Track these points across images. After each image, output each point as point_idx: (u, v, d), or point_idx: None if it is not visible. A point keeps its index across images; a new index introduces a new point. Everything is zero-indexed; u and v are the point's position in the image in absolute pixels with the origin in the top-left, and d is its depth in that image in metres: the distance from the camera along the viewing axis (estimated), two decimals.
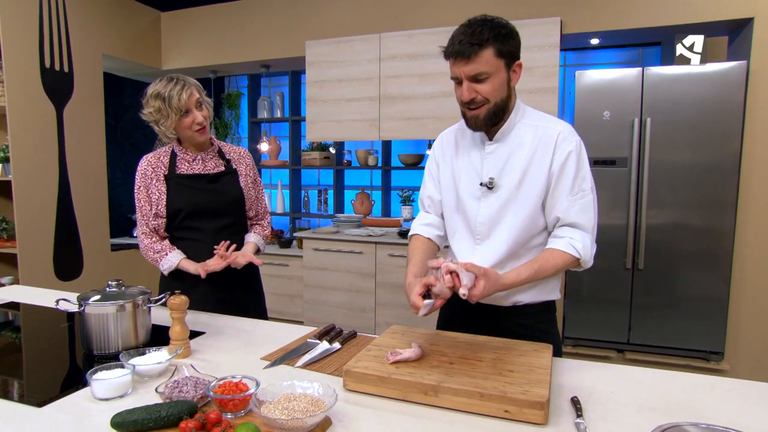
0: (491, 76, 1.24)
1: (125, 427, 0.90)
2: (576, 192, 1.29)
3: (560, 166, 1.29)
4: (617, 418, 0.98)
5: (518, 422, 0.96)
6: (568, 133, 1.31)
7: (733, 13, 2.96)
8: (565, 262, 1.29)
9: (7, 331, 1.62)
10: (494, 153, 1.35)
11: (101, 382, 1.06)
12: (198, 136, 1.69)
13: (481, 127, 1.32)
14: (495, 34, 1.22)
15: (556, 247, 1.29)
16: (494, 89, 1.25)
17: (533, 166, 1.31)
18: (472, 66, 1.22)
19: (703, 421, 0.95)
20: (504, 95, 1.28)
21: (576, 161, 1.29)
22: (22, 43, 3.20)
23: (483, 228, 1.37)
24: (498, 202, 1.34)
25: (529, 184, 1.31)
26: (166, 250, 1.71)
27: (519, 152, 1.32)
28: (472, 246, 1.39)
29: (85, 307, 1.32)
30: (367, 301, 3.59)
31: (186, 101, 1.62)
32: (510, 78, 1.28)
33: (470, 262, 1.16)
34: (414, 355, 1.14)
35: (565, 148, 1.28)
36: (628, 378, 1.19)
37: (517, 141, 1.33)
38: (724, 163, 2.94)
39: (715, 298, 3.02)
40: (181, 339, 1.31)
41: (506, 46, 1.24)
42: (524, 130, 1.33)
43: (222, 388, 0.98)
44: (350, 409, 1.02)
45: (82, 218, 3.66)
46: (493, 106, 1.27)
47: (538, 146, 1.31)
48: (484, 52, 1.21)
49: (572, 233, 1.29)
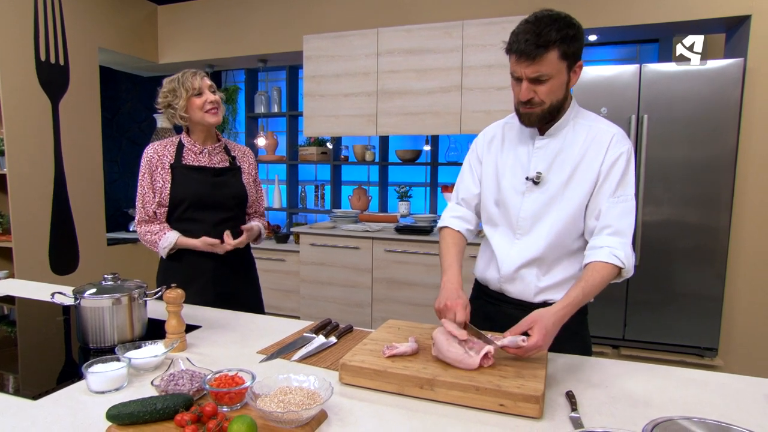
0: (552, 78, 1.22)
1: (121, 420, 0.90)
2: (619, 195, 1.27)
3: (609, 167, 1.27)
4: (612, 412, 0.99)
5: (513, 416, 0.97)
6: (621, 137, 1.30)
7: (731, 10, 2.96)
8: (610, 274, 1.22)
9: (2, 324, 1.61)
10: (544, 148, 1.33)
11: (97, 375, 1.05)
12: (209, 117, 1.70)
13: (534, 124, 1.31)
14: (563, 35, 1.18)
15: (597, 260, 1.23)
16: (553, 91, 1.24)
17: (583, 164, 1.29)
18: (535, 67, 1.20)
19: (696, 415, 0.96)
20: (561, 97, 1.27)
21: (625, 164, 1.27)
22: (17, 36, 3.18)
23: (525, 223, 1.35)
24: (543, 197, 1.32)
25: (577, 182, 1.29)
26: (164, 230, 1.72)
27: (570, 149, 1.30)
28: (512, 240, 1.38)
29: (81, 301, 1.32)
30: (363, 297, 3.60)
31: (199, 83, 1.69)
32: (570, 79, 1.26)
33: (511, 338, 1.10)
34: (410, 350, 1.14)
35: (618, 150, 1.27)
36: (623, 373, 1.19)
37: (570, 139, 1.31)
38: (720, 161, 2.95)
39: (709, 294, 3.04)
40: (177, 332, 1.31)
41: (571, 48, 1.21)
42: (578, 129, 1.31)
43: (218, 381, 0.98)
44: (346, 402, 1.02)
45: (78, 212, 3.65)
46: (549, 107, 1.26)
47: (590, 145, 1.29)
48: (549, 54, 1.18)
49: (611, 241, 1.24)
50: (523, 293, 1.37)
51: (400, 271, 3.47)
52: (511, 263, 1.37)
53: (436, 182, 4.23)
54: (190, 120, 1.73)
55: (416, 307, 3.42)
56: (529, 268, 1.35)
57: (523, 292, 1.37)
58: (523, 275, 1.36)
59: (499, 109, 3.31)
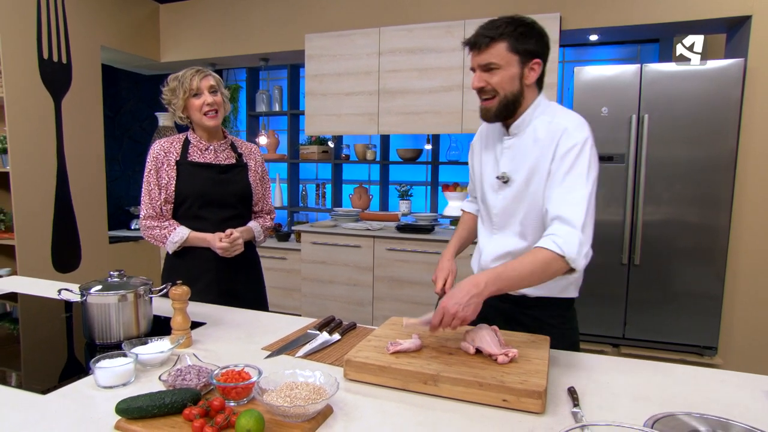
0: (501, 68, 1.27)
1: (130, 414, 0.91)
2: (567, 185, 1.24)
3: (560, 160, 1.26)
4: (613, 408, 1.00)
5: (516, 411, 0.98)
6: (574, 128, 1.27)
7: (732, 10, 2.97)
8: (546, 259, 1.18)
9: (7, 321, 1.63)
10: (511, 148, 1.38)
11: (104, 370, 1.07)
12: (206, 120, 1.70)
13: (491, 118, 1.35)
14: (511, 30, 1.26)
15: (537, 245, 1.22)
16: (504, 81, 1.28)
17: (541, 161, 1.30)
18: (484, 56, 1.28)
19: (697, 410, 0.97)
20: (515, 89, 1.30)
21: (576, 156, 1.25)
22: (19, 34, 3.19)
23: (498, 219, 1.43)
24: (510, 195, 1.38)
25: (537, 179, 1.31)
26: (174, 225, 1.74)
27: (533, 148, 1.33)
28: (490, 234, 1.47)
29: (88, 297, 1.33)
30: (364, 295, 3.61)
31: (198, 84, 1.68)
32: (524, 74, 1.30)
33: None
34: (414, 346, 1.15)
35: (568, 142, 1.26)
36: (624, 369, 1.21)
37: (533, 137, 1.33)
38: (720, 160, 2.96)
39: (709, 294, 3.05)
40: (183, 329, 1.32)
41: (522, 44, 1.27)
42: (540, 126, 1.33)
43: (225, 376, 1.00)
44: (351, 397, 1.04)
45: (80, 210, 3.66)
46: (503, 98, 1.30)
47: (546, 139, 1.30)
48: (496, 44, 1.27)
49: (556, 229, 1.21)
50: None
51: (402, 270, 3.48)
52: (488, 256, 1.46)
53: (437, 181, 4.24)
54: (190, 119, 1.74)
55: (417, 306, 3.43)
56: (504, 261, 1.39)
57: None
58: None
59: None
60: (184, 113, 1.72)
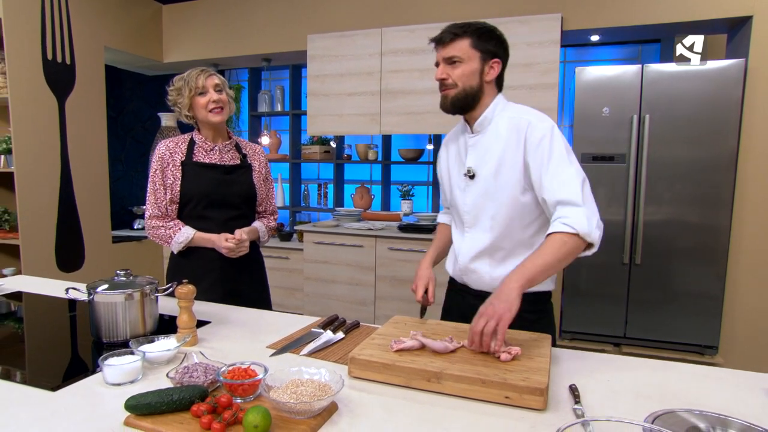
0: (463, 62, 1.37)
1: (139, 410, 0.93)
2: (552, 170, 1.31)
3: (533, 151, 1.33)
4: (614, 405, 1.02)
5: (518, 408, 0.99)
6: (537, 121, 1.35)
7: (732, 11, 2.99)
8: (565, 242, 1.23)
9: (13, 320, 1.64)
10: (475, 145, 1.45)
11: (113, 367, 1.08)
12: (212, 116, 1.73)
13: (448, 107, 1.42)
14: (474, 29, 1.37)
15: (549, 232, 1.28)
16: (464, 75, 1.37)
17: (507, 155, 1.37)
18: (447, 50, 1.38)
19: (696, 407, 0.98)
20: (474, 84, 1.38)
21: (549, 144, 1.32)
22: (24, 35, 3.21)
23: (468, 217, 1.48)
24: (478, 191, 1.44)
25: (505, 173, 1.38)
26: (179, 225, 1.75)
27: (496, 143, 1.40)
28: (462, 234, 1.52)
29: (95, 296, 1.35)
30: (367, 294, 3.63)
31: (203, 82, 1.71)
32: (484, 70, 1.38)
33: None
34: (417, 344, 1.17)
35: (536, 134, 1.33)
36: (625, 367, 1.22)
37: (495, 133, 1.41)
38: (721, 160, 2.97)
39: (710, 293, 3.07)
40: (189, 327, 1.34)
41: (483, 43, 1.37)
42: (501, 123, 1.40)
43: (231, 373, 1.01)
44: (355, 395, 1.05)
45: (84, 210, 3.68)
46: (461, 91, 1.39)
47: (510, 136, 1.37)
48: (460, 41, 1.37)
49: (562, 212, 1.27)
50: (480, 284, 1.48)
51: (404, 269, 3.50)
52: (465, 256, 1.49)
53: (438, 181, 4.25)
54: (196, 118, 1.76)
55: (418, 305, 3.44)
56: (480, 259, 1.46)
57: (479, 283, 1.48)
58: (475, 267, 1.48)
59: None
60: (190, 112, 1.74)
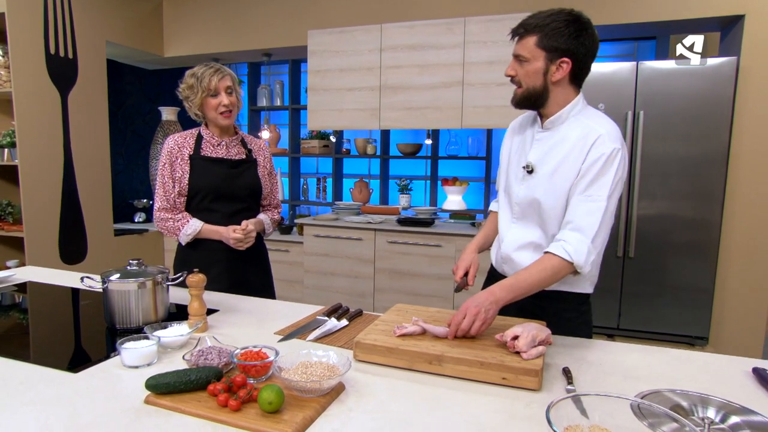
0: (528, 61, 1.33)
1: (159, 389, 0.99)
2: (590, 194, 1.29)
3: (589, 166, 1.30)
4: (604, 386, 1.08)
5: (515, 388, 1.06)
6: (609, 138, 1.30)
7: (725, 9, 3.05)
8: (555, 266, 1.27)
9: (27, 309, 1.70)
10: (542, 141, 1.42)
11: (130, 350, 1.14)
12: (221, 119, 1.77)
13: (515, 104, 1.41)
14: (541, 25, 1.30)
15: (547, 251, 1.30)
16: (526, 74, 1.34)
17: (569, 159, 1.34)
18: (517, 47, 1.36)
19: (681, 388, 1.05)
20: (537, 84, 1.34)
21: (602, 165, 1.28)
22: (27, 30, 3.24)
23: (518, 208, 1.47)
24: (533, 186, 1.41)
25: (561, 175, 1.35)
26: (187, 217, 1.81)
27: (563, 144, 1.36)
28: (510, 223, 1.51)
29: (109, 284, 1.40)
30: (366, 287, 3.69)
31: (216, 84, 1.74)
32: (549, 70, 1.32)
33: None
34: (419, 330, 1.23)
35: (601, 150, 1.29)
36: (615, 352, 1.29)
37: (565, 133, 1.37)
38: (713, 156, 3.04)
39: (701, 286, 3.14)
40: (199, 314, 1.39)
41: (550, 40, 1.29)
42: (575, 126, 1.36)
43: (244, 356, 1.07)
44: (361, 376, 1.11)
45: (86, 203, 3.72)
46: (525, 90, 1.36)
47: (577, 143, 1.33)
48: (528, 38, 1.32)
49: (569, 236, 1.28)
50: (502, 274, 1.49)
51: (402, 262, 3.56)
52: (509, 244, 1.49)
53: (436, 175, 4.32)
54: (205, 116, 1.81)
55: (418, 297, 3.52)
56: (523, 250, 1.45)
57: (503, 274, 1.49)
58: (516, 257, 1.47)
59: (499, 104, 3.39)
60: (200, 110, 1.78)
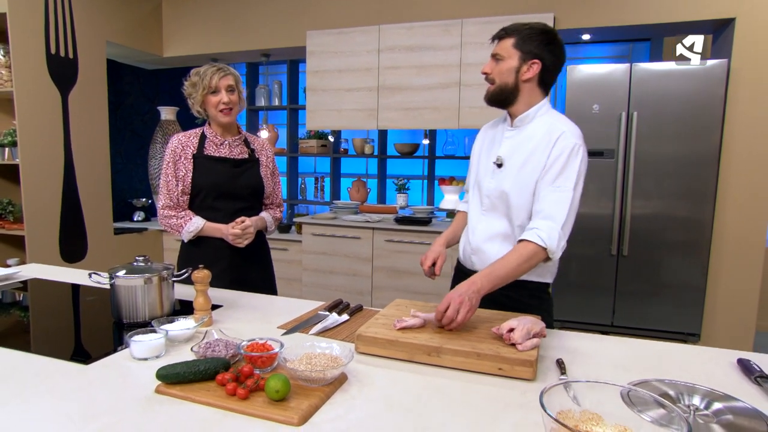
0: (503, 60, 1.49)
1: (169, 379, 1.03)
2: (558, 185, 1.42)
3: (554, 159, 1.43)
4: (596, 376, 1.13)
5: (510, 378, 1.10)
6: (570, 134, 1.44)
7: (717, 13, 3.11)
8: (530, 252, 1.37)
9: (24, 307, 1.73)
10: (511, 138, 1.56)
11: (139, 343, 1.18)
12: (221, 116, 1.82)
13: (486, 99, 1.56)
14: (520, 30, 1.48)
15: (522, 238, 1.41)
16: (500, 71, 1.49)
17: (536, 154, 1.47)
18: (495, 48, 1.53)
19: (669, 378, 1.10)
20: (510, 81, 1.49)
21: (566, 158, 1.42)
22: (28, 30, 3.26)
23: (488, 201, 1.59)
24: (502, 180, 1.54)
25: (529, 169, 1.47)
26: (190, 215, 1.85)
27: (530, 141, 1.50)
28: (480, 215, 1.62)
29: (116, 280, 1.44)
30: (364, 285, 3.74)
31: (217, 82, 1.79)
32: (521, 69, 1.47)
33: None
34: (418, 323, 1.28)
35: (564, 144, 1.43)
36: (607, 345, 1.34)
37: (531, 133, 1.51)
38: (704, 156, 3.10)
39: (693, 283, 3.21)
40: (204, 309, 1.43)
41: (525, 43, 1.46)
42: (540, 125, 1.50)
43: (250, 347, 1.11)
44: (362, 367, 1.16)
45: (87, 202, 3.75)
46: (498, 86, 1.51)
47: (544, 137, 1.47)
48: (506, 39, 1.49)
49: (541, 224, 1.40)
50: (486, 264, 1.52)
51: (400, 260, 3.61)
52: (479, 235, 1.60)
53: (433, 175, 4.36)
54: (207, 114, 1.85)
55: (415, 295, 3.56)
56: (493, 241, 1.57)
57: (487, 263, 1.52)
58: (486, 248, 1.58)
59: None
60: (202, 107, 1.82)
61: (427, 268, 1.61)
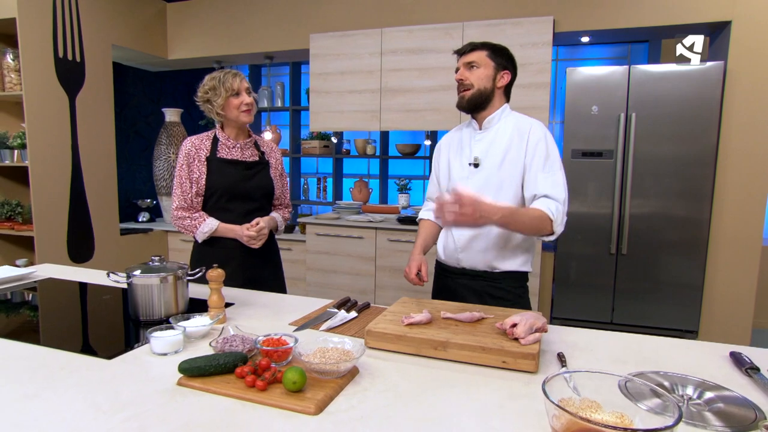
0: (480, 66, 1.64)
1: (191, 372, 1.08)
2: (547, 170, 1.60)
3: (533, 149, 1.61)
4: (595, 368, 1.19)
5: (514, 371, 1.16)
6: (537, 126, 1.65)
7: (713, 15, 3.16)
8: (538, 217, 1.52)
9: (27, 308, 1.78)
10: (482, 140, 1.70)
11: (159, 339, 1.24)
12: (244, 116, 1.88)
13: (465, 106, 1.69)
14: (490, 45, 1.68)
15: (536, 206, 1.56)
16: (479, 77, 1.64)
17: (512, 149, 1.64)
18: (468, 57, 1.66)
19: (665, 370, 1.16)
20: (488, 86, 1.65)
21: (545, 145, 1.61)
22: (37, 34, 3.32)
23: None
24: (481, 180, 1.67)
25: (508, 164, 1.64)
26: (204, 216, 1.91)
27: (500, 139, 1.66)
28: None
29: (133, 279, 1.50)
30: (367, 284, 3.79)
31: (238, 85, 1.87)
32: (495, 77, 1.65)
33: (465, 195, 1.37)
34: (425, 319, 1.33)
35: (536, 135, 1.62)
36: (606, 339, 1.40)
37: (501, 131, 1.68)
38: (702, 157, 3.16)
39: (691, 282, 3.27)
40: (219, 307, 1.49)
41: (497, 56, 1.66)
42: (506, 124, 1.68)
43: (266, 342, 1.17)
44: (372, 361, 1.21)
45: (93, 203, 3.80)
46: (477, 91, 1.64)
47: (514, 134, 1.65)
48: (479, 51, 1.66)
49: (544, 202, 1.56)
50: (474, 262, 1.70)
51: (403, 260, 3.66)
52: (462, 237, 1.70)
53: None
54: (226, 117, 1.90)
55: (417, 294, 3.61)
56: (478, 239, 1.68)
57: (473, 261, 1.70)
58: (473, 245, 1.68)
59: None
60: (223, 111, 1.87)
61: (414, 276, 1.69)
